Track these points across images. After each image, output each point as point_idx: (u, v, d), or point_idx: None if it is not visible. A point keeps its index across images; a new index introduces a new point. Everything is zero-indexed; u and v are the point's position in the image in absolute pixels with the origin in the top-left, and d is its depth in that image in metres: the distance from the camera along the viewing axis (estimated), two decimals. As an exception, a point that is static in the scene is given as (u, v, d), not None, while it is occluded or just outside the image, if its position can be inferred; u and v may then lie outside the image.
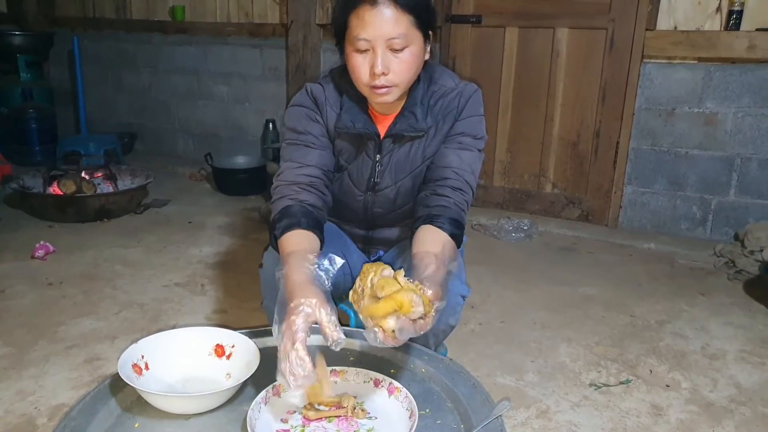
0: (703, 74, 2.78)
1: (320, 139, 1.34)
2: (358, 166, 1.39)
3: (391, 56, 1.19)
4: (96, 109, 4.47)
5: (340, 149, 1.38)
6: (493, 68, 3.20)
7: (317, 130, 1.34)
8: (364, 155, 1.37)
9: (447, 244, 1.19)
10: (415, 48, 1.21)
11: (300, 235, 1.18)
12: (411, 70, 1.23)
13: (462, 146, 1.33)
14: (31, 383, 1.64)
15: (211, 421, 1.04)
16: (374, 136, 1.33)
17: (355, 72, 1.23)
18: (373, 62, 1.19)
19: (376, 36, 1.17)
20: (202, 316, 2.08)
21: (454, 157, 1.32)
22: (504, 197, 3.35)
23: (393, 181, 1.39)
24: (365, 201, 1.44)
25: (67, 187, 3.00)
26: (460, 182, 1.30)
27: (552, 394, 1.67)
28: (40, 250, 2.54)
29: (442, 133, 1.34)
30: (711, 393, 1.70)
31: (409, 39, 1.18)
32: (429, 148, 1.35)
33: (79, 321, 2.01)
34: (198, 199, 3.51)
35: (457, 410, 1.08)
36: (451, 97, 1.33)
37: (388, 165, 1.37)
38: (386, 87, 1.22)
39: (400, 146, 1.35)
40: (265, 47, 3.89)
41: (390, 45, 1.18)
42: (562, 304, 2.25)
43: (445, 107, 1.33)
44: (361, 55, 1.20)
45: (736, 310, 2.25)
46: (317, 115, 1.34)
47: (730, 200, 2.86)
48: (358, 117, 1.32)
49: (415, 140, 1.34)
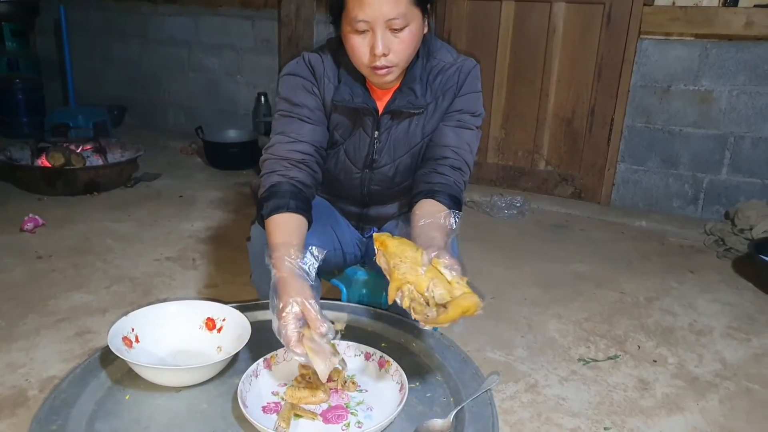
0: (699, 51, 2.76)
1: (315, 113, 1.30)
2: (355, 143, 1.36)
3: (390, 36, 1.16)
4: (84, 80, 4.39)
5: (336, 123, 1.34)
6: (488, 43, 3.16)
7: (313, 102, 1.30)
8: (362, 131, 1.34)
9: (447, 217, 1.19)
10: (414, 26, 1.18)
11: (288, 218, 1.16)
12: (411, 48, 1.20)
13: (461, 124, 1.31)
14: (21, 356, 1.64)
15: (202, 393, 1.04)
16: (372, 111, 1.30)
17: (354, 53, 1.20)
18: (373, 43, 1.15)
19: (375, 17, 1.13)
20: (193, 290, 2.07)
21: (452, 135, 1.30)
22: (497, 174, 3.34)
23: (392, 158, 1.37)
24: (362, 178, 1.41)
25: (55, 159, 2.96)
26: (459, 162, 1.29)
27: (541, 369, 1.69)
28: (29, 223, 2.52)
29: (441, 110, 1.32)
30: (696, 368, 1.73)
31: (408, 18, 1.15)
32: (428, 125, 1.33)
33: (69, 294, 2.00)
34: (189, 173, 3.48)
35: (446, 384, 1.09)
36: (450, 72, 1.31)
37: (386, 142, 1.35)
38: (387, 67, 1.19)
39: (399, 123, 1.33)
40: (257, 18, 3.82)
41: (389, 25, 1.14)
42: (552, 281, 2.26)
43: (444, 83, 1.31)
44: (360, 36, 1.17)
45: (724, 287, 2.27)
46: (314, 87, 1.30)
47: (722, 179, 2.87)
48: (357, 90, 1.29)
49: (414, 117, 1.32)
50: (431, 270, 0.96)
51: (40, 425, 0.93)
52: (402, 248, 0.99)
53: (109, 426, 0.95)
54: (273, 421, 0.96)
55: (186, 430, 0.95)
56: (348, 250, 1.50)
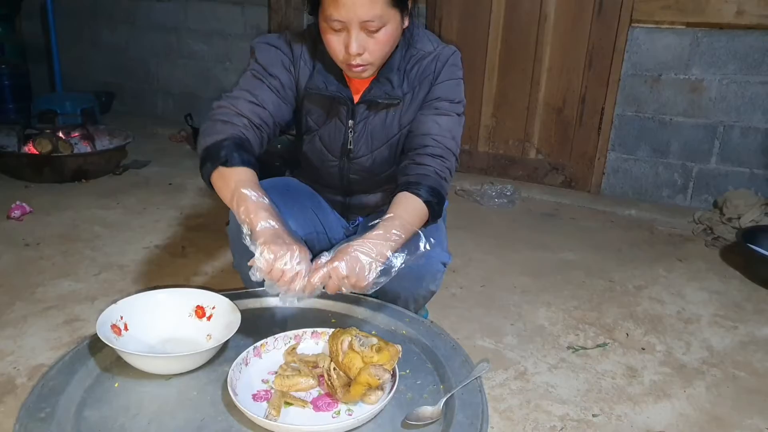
0: (690, 40, 2.77)
1: (285, 90, 1.28)
2: (330, 131, 1.35)
3: (365, 36, 1.15)
4: (71, 66, 4.32)
5: (308, 110, 1.34)
6: (479, 31, 3.15)
7: (285, 79, 1.28)
8: (336, 120, 1.33)
9: (415, 210, 1.17)
10: (391, 27, 1.16)
11: (249, 172, 1.13)
12: (387, 47, 1.19)
13: (439, 111, 1.29)
14: (9, 343, 1.63)
15: (192, 381, 1.04)
16: (347, 100, 1.29)
17: (330, 48, 1.19)
18: (348, 43, 1.15)
19: (350, 18, 1.12)
20: (182, 278, 2.06)
21: (432, 123, 1.28)
22: (488, 163, 3.34)
23: (369, 150, 1.36)
24: (341, 167, 1.40)
25: (42, 146, 2.92)
26: (440, 149, 1.26)
27: (530, 357, 1.70)
28: (16, 210, 2.49)
29: (418, 100, 1.31)
30: (684, 356, 1.75)
31: (384, 19, 1.14)
32: (405, 116, 1.32)
33: (57, 282, 1.98)
34: (178, 161, 3.45)
35: (436, 371, 1.09)
36: (427, 61, 1.29)
37: (363, 133, 1.34)
38: (362, 65, 1.19)
39: (376, 113, 1.32)
40: (246, 5, 3.77)
41: (364, 27, 1.13)
42: (542, 269, 2.28)
43: (421, 72, 1.29)
44: (336, 33, 1.16)
45: (711, 276, 2.29)
46: (291, 66, 1.29)
47: (711, 168, 2.89)
48: (331, 79, 1.28)
49: (391, 108, 1.31)
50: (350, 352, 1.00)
51: (28, 413, 0.93)
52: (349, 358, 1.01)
53: (98, 413, 0.95)
54: (263, 409, 0.96)
55: (176, 417, 0.95)
56: (334, 235, 1.49)
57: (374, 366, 0.97)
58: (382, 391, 0.98)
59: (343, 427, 0.92)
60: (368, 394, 0.98)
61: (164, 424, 0.93)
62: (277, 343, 1.11)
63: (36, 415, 0.93)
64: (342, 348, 1.01)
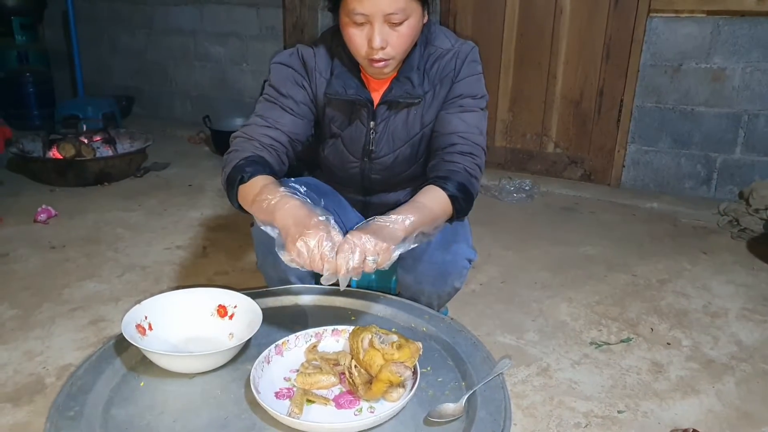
0: (711, 28, 2.71)
1: (300, 106, 1.29)
2: (351, 133, 1.35)
3: (389, 30, 1.15)
4: (92, 71, 4.40)
5: (331, 117, 1.34)
6: (494, 25, 3.13)
7: (300, 95, 1.29)
8: (358, 122, 1.33)
9: (437, 200, 1.17)
10: (413, 20, 1.16)
11: (265, 178, 1.15)
12: (409, 41, 1.19)
13: (464, 109, 1.29)
14: (38, 344, 1.66)
15: (216, 380, 1.05)
16: (367, 102, 1.29)
17: (352, 44, 1.19)
18: (371, 36, 1.14)
19: (373, 11, 1.12)
20: (204, 278, 2.09)
21: (458, 121, 1.28)
22: (505, 157, 3.32)
23: (391, 149, 1.36)
24: (362, 168, 1.40)
25: (66, 150, 2.98)
26: (469, 146, 1.26)
27: (552, 353, 1.69)
28: (42, 214, 2.54)
29: (439, 98, 1.30)
30: (712, 350, 1.72)
31: (407, 12, 1.14)
32: (427, 115, 1.32)
33: (82, 284, 2.02)
34: (197, 162, 3.49)
35: (458, 368, 1.08)
36: (447, 59, 1.29)
37: (384, 133, 1.33)
38: (384, 60, 1.18)
39: (397, 113, 1.31)
40: (261, 6, 3.80)
41: (388, 19, 1.13)
42: (563, 264, 2.25)
43: (441, 70, 1.29)
44: (358, 28, 1.16)
45: (738, 268, 2.25)
46: (304, 81, 1.29)
47: (735, 158, 2.83)
48: (350, 82, 1.28)
49: (412, 107, 1.30)
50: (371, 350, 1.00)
51: (58, 412, 0.95)
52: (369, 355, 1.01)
53: (125, 412, 0.96)
54: (286, 407, 0.97)
55: (200, 415, 0.96)
56: None
57: (395, 363, 0.97)
58: (403, 389, 0.98)
59: (366, 424, 0.92)
60: (390, 392, 0.98)
61: (189, 422, 0.94)
62: (298, 341, 1.12)
63: (65, 414, 0.94)
64: (363, 345, 1.01)
